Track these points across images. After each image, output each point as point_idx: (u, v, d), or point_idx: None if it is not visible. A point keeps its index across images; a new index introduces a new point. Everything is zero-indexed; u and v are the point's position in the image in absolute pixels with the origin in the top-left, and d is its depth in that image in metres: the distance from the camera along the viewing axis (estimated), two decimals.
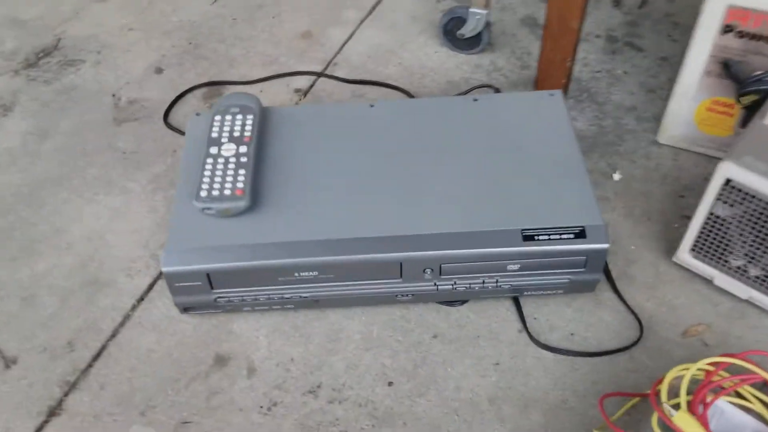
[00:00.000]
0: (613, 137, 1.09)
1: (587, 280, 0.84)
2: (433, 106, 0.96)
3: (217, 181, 0.83)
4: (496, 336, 0.85)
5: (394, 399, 0.80)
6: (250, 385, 0.81)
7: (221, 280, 0.81)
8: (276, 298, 0.84)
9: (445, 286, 0.84)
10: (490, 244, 0.80)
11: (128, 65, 1.23)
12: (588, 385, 0.81)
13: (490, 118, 0.94)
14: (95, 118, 1.13)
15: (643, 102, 1.15)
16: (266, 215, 0.83)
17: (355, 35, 1.29)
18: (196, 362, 0.83)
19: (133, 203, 1.00)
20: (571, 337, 0.85)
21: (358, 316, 0.87)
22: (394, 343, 0.85)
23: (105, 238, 0.96)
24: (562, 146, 0.90)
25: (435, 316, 0.87)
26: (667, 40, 1.26)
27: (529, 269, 0.83)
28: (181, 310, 0.85)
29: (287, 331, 0.86)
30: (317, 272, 0.81)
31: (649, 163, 1.05)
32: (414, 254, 0.80)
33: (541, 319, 0.87)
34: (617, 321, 0.86)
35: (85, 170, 1.05)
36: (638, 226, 0.97)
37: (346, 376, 0.82)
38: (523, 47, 1.25)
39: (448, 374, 0.82)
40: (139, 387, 0.81)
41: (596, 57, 1.23)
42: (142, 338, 0.85)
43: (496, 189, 0.85)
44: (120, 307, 0.88)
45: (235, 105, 0.92)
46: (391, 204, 0.84)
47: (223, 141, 0.88)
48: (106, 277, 0.91)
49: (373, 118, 0.94)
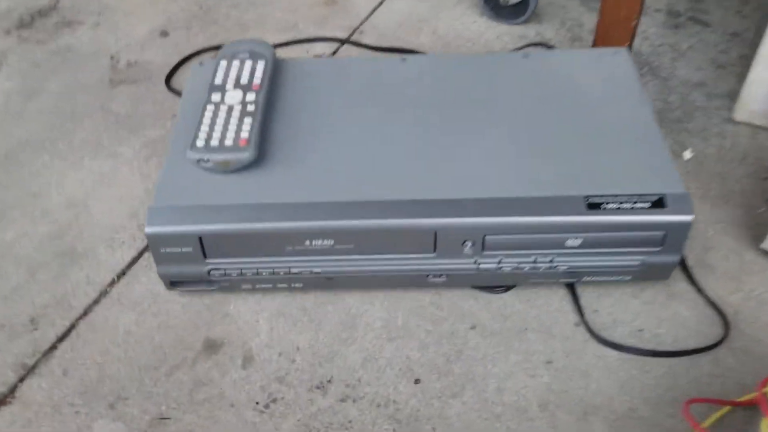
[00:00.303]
0: (681, 114, 0.94)
1: (662, 264, 0.69)
2: (476, 62, 0.82)
3: (217, 130, 0.69)
4: (548, 329, 0.70)
5: (421, 399, 0.64)
6: (245, 377, 0.66)
7: (216, 246, 0.66)
8: (282, 274, 0.69)
9: (488, 265, 0.68)
10: (547, 212, 0.65)
11: (130, 28, 1.10)
12: (661, 391, 0.65)
13: (545, 75, 0.79)
14: (89, 79, 1.00)
15: (713, 78, 1.00)
16: (274, 172, 0.69)
17: (385, 3, 1.15)
18: (181, 347, 0.68)
19: (123, 169, 0.87)
20: (639, 333, 0.69)
21: (379, 301, 0.72)
22: (422, 334, 0.70)
23: (87, 205, 0.82)
24: (632, 106, 0.75)
25: (472, 303, 0.72)
26: (736, 16, 1.12)
27: (593, 246, 0.67)
28: (168, 284, 0.71)
29: (294, 315, 0.71)
30: (333, 241, 0.66)
31: (724, 142, 0.90)
32: (452, 221, 0.65)
33: (602, 312, 0.71)
34: (695, 316, 0.71)
35: (72, 133, 0.92)
36: (715, 210, 0.81)
37: (362, 371, 0.67)
38: (574, 18, 1.11)
39: (489, 372, 0.66)
40: (111, 374, 0.66)
41: (657, 31, 1.09)
42: (120, 318, 0.71)
43: (553, 149, 0.70)
44: (96, 282, 0.74)
45: (244, 51, 0.79)
46: (426, 164, 0.69)
47: (227, 88, 0.74)
48: (84, 248, 0.78)
49: (405, 73, 0.80)
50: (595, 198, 0.66)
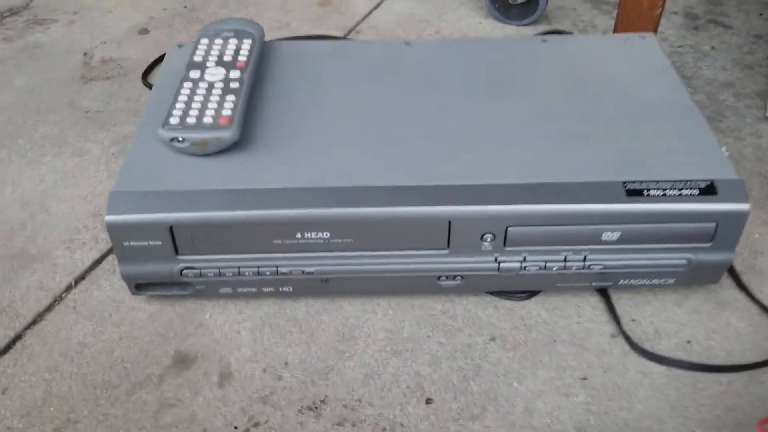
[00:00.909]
0: (710, 113, 0.86)
1: (713, 263, 0.59)
2: (489, 47, 0.73)
3: (195, 108, 0.60)
4: (581, 342, 0.59)
5: (434, 423, 0.53)
6: (221, 397, 0.55)
7: (190, 239, 0.56)
8: (268, 274, 0.58)
9: (511, 263, 0.58)
10: (579, 200, 0.55)
11: (108, 25, 1.01)
12: (722, 412, 0.54)
13: (567, 58, 0.70)
14: (58, 75, 0.91)
15: (741, 78, 0.92)
16: (260, 155, 0.59)
17: (383, 5, 1.08)
18: (146, 363, 0.57)
19: (89, 166, 0.77)
20: (687, 345, 0.59)
21: (383, 310, 0.62)
22: (434, 347, 0.59)
23: (45, 204, 0.72)
24: (667, 89, 0.66)
25: (491, 312, 0.62)
26: (758, 18, 1.04)
27: (633, 242, 0.57)
28: (133, 288, 0.60)
29: (282, 326, 0.60)
30: (328, 234, 0.56)
31: (761, 141, 0.81)
32: (469, 209, 0.55)
33: (643, 322, 0.61)
34: (751, 326, 0.60)
35: (34, 129, 0.82)
36: (760, 212, 0.72)
37: (363, 389, 0.56)
38: (586, 20, 1.04)
39: (514, 390, 0.56)
40: (59, 394, 0.55)
41: (676, 32, 1.01)
42: (74, 328, 0.60)
43: (584, 133, 0.61)
44: (50, 288, 0.63)
45: (229, 29, 0.70)
46: (439, 148, 0.60)
47: (208, 65, 0.65)
48: (39, 251, 0.67)
49: (409, 57, 0.71)
50: (635, 184, 0.56)
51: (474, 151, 0.59)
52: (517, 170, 0.57)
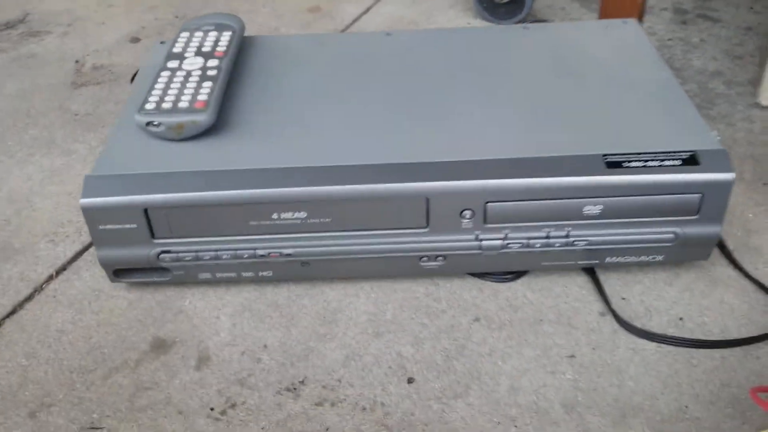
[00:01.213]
0: (701, 101, 0.85)
1: (700, 237, 0.57)
2: (470, 36, 0.73)
3: (171, 93, 0.60)
4: (568, 321, 0.58)
5: (415, 401, 0.52)
6: (198, 379, 0.54)
7: (166, 222, 0.55)
8: (246, 257, 0.57)
9: (492, 241, 0.57)
10: (559, 173, 0.54)
11: (100, 35, 1.02)
12: (716, 387, 0.52)
13: (549, 44, 0.70)
14: (50, 82, 0.91)
15: (731, 68, 0.91)
16: (235, 139, 0.59)
17: (373, 9, 1.08)
18: (123, 348, 0.56)
19: (75, 166, 0.77)
20: (680, 322, 0.57)
21: (365, 293, 0.61)
22: (416, 328, 0.58)
23: (31, 200, 0.72)
24: (648, 69, 0.66)
25: (476, 294, 0.60)
26: (748, 12, 1.04)
27: (616, 216, 0.56)
28: (111, 274, 0.59)
29: (262, 311, 0.59)
30: (305, 214, 0.56)
31: (753, 126, 0.80)
32: (447, 185, 0.54)
33: (632, 300, 0.59)
34: (745, 303, 0.59)
35: (24, 131, 0.82)
36: (753, 192, 0.70)
37: (344, 370, 0.54)
38: (575, 18, 1.04)
39: (499, 369, 0.54)
40: (35, 379, 0.54)
41: (665, 27, 1.01)
42: (53, 316, 0.59)
43: (564, 111, 0.60)
44: (31, 279, 0.63)
45: (210, 23, 0.70)
46: (417, 128, 0.59)
47: (187, 55, 0.65)
48: (22, 244, 0.66)
49: (390, 47, 0.71)
50: (614, 156, 0.55)
51: (453, 130, 0.59)
52: (496, 147, 0.57)
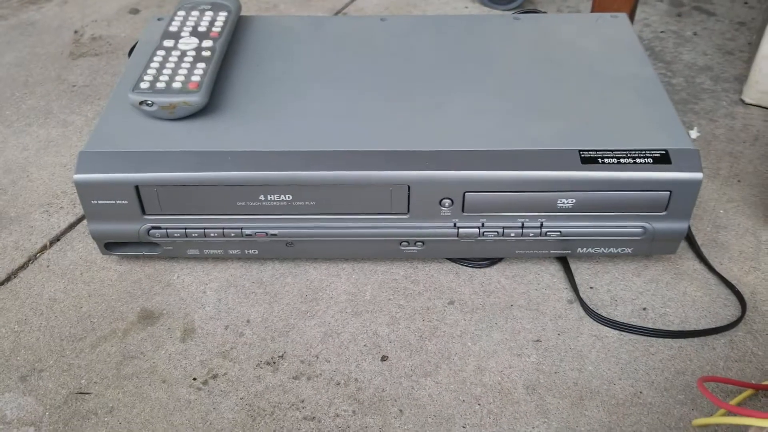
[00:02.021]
0: (686, 95, 0.87)
1: (668, 232, 0.60)
2: (462, 23, 0.74)
3: (165, 74, 0.61)
4: (537, 307, 0.61)
5: (387, 378, 0.55)
6: (182, 350, 0.57)
7: (156, 199, 0.58)
8: (233, 236, 0.60)
9: (470, 229, 0.60)
10: (535, 167, 0.57)
11: (100, 5, 1.04)
12: (670, 375, 0.55)
13: (537, 36, 0.72)
14: (48, 51, 0.93)
15: (720, 63, 0.93)
16: (226, 120, 0.61)
17: None
18: (112, 318, 0.59)
19: (72, 137, 0.79)
20: (643, 312, 0.60)
21: (346, 274, 0.63)
22: (393, 308, 0.60)
23: (27, 170, 0.74)
24: (632, 65, 0.68)
25: (452, 278, 0.63)
26: (743, 7, 1.05)
27: (588, 209, 0.59)
28: (102, 247, 0.62)
29: (247, 287, 0.62)
30: (291, 196, 0.58)
31: (734, 123, 0.82)
32: (428, 174, 0.56)
33: (600, 290, 0.62)
34: (707, 296, 0.61)
35: (21, 101, 0.84)
36: (727, 189, 0.73)
37: (321, 346, 0.57)
38: (572, 6, 1.05)
39: (468, 350, 0.57)
40: (27, 344, 0.57)
41: (659, 18, 1.02)
42: (46, 285, 0.62)
43: (546, 105, 0.62)
44: (25, 248, 0.65)
45: (206, 2, 0.71)
46: (402, 117, 0.61)
47: (182, 35, 0.67)
48: (17, 213, 0.69)
49: (383, 32, 0.73)
50: (589, 152, 0.57)
51: (437, 120, 0.61)
52: (477, 138, 0.59)
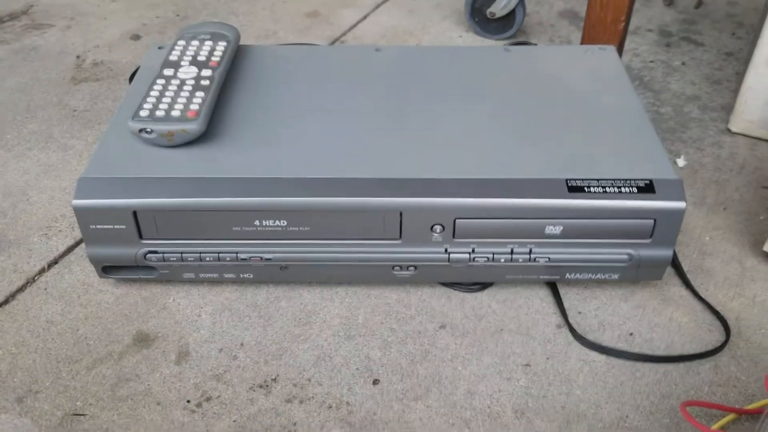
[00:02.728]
0: (674, 124, 0.89)
1: (653, 259, 0.61)
2: (454, 54, 0.76)
3: (165, 102, 0.63)
4: (527, 331, 0.62)
5: (379, 401, 0.56)
6: (177, 373, 0.58)
7: (153, 224, 0.59)
8: (228, 260, 0.61)
9: (460, 255, 0.61)
10: (524, 195, 0.58)
11: (102, 31, 1.06)
12: (656, 399, 0.56)
13: (527, 66, 0.74)
14: (50, 76, 0.95)
15: (708, 92, 0.95)
16: (224, 148, 0.62)
17: (370, 17, 1.12)
18: (108, 340, 0.60)
19: (71, 161, 0.80)
20: (630, 337, 0.61)
21: (340, 298, 0.65)
22: (385, 332, 0.61)
23: (27, 194, 0.75)
24: (619, 97, 0.69)
25: (444, 303, 0.64)
26: (731, 38, 1.08)
27: (575, 236, 0.60)
28: (100, 271, 0.63)
29: (241, 311, 0.63)
30: (285, 222, 0.59)
31: (721, 152, 0.84)
32: (419, 201, 0.58)
33: (588, 315, 0.63)
34: (693, 322, 0.63)
35: (23, 125, 0.86)
36: (713, 216, 0.74)
37: (314, 369, 0.58)
38: (563, 36, 1.07)
39: (458, 374, 0.58)
40: (24, 366, 0.58)
41: (648, 48, 1.04)
42: (44, 308, 0.63)
43: (534, 135, 0.64)
44: (24, 270, 0.67)
45: (206, 32, 0.73)
46: (394, 145, 0.63)
47: (182, 64, 0.68)
48: (17, 236, 0.70)
49: (378, 62, 0.75)
50: (576, 181, 0.59)
51: (429, 148, 0.62)
52: (468, 166, 0.60)
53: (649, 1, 1.18)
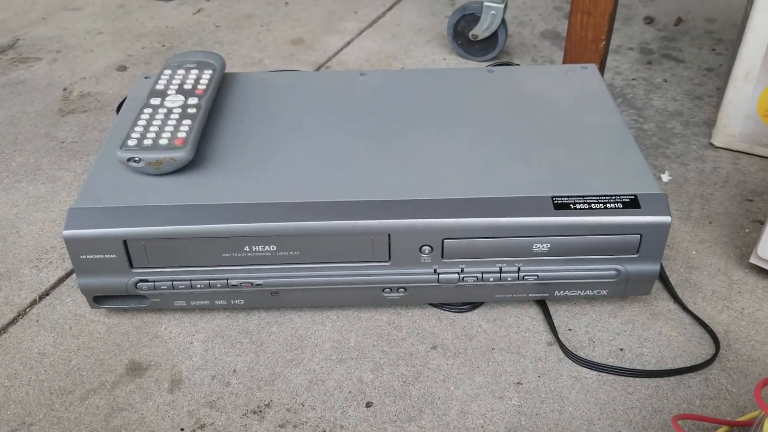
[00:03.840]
0: (658, 140, 0.90)
1: (641, 274, 0.62)
2: (438, 77, 0.77)
3: (152, 131, 0.64)
4: (518, 349, 0.62)
5: (372, 424, 0.56)
6: (170, 401, 0.58)
7: (143, 253, 0.59)
8: (219, 287, 0.61)
9: (449, 275, 0.61)
10: (510, 214, 0.59)
11: (88, 63, 1.07)
12: (648, 414, 0.57)
13: (510, 88, 0.75)
14: (37, 109, 0.95)
15: (690, 108, 0.96)
16: (212, 175, 0.63)
17: (353, 43, 1.13)
18: (101, 371, 0.60)
19: (60, 193, 0.80)
20: (620, 353, 0.62)
21: (331, 322, 0.65)
22: (377, 354, 0.62)
23: (16, 226, 0.75)
24: (601, 114, 0.71)
25: (435, 323, 0.65)
26: (710, 54, 1.10)
27: (562, 253, 0.61)
28: (91, 301, 0.63)
29: (233, 337, 0.63)
30: (275, 247, 0.60)
31: (705, 166, 0.85)
32: (407, 222, 0.58)
33: (578, 331, 0.64)
34: (682, 335, 0.63)
35: (11, 158, 0.86)
36: (698, 230, 0.75)
37: (307, 394, 0.58)
38: (545, 56, 1.09)
39: (451, 394, 0.58)
40: (17, 398, 0.58)
41: (630, 66, 1.06)
42: (36, 339, 0.63)
43: (519, 154, 0.65)
44: (15, 303, 0.66)
45: (192, 61, 0.74)
46: (381, 168, 0.64)
47: (169, 93, 0.69)
48: (7, 269, 0.70)
49: (363, 86, 0.76)
50: (562, 198, 0.60)
51: (415, 169, 0.63)
52: (454, 186, 0.61)
53: (629, 20, 1.20)
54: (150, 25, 1.17)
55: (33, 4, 1.24)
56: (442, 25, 1.17)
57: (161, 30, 1.16)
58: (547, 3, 1.26)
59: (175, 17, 1.20)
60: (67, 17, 1.20)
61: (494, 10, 1.01)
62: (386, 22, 1.19)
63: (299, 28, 1.17)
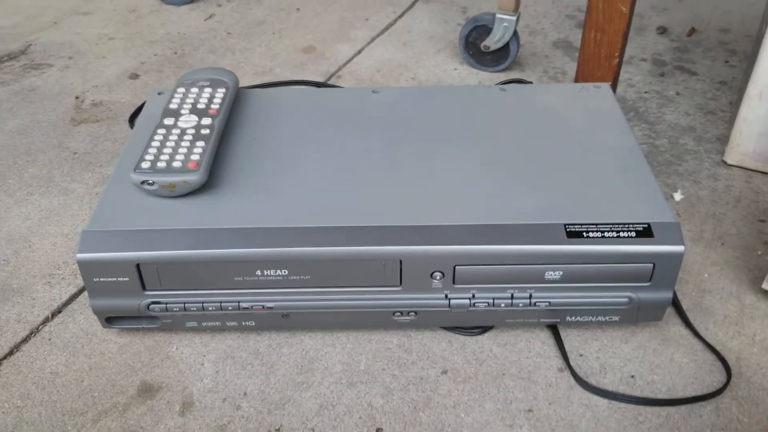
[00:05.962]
0: (670, 157, 0.89)
1: (653, 302, 0.62)
2: (450, 94, 0.77)
3: (166, 152, 0.64)
4: (528, 375, 0.62)
5: None
6: (181, 425, 0.58)
7: (156, 276, 0.60)
8: (231, 309, 0.62)
9: (461, 300, 0.61)
10: (523, 241, 0.59)
11: (100, 70, 1.07)
12: None
13: (523, 107, 0.75)
14: (50, 118, 0.96)
15: (703, 123, 0.96)
16: (225, 198, 0.63)
17: (364, 51, 1.13)
18: (113, 392, 0.60)
19: (73, 205, 0.81)
20: (631, 380, 0.62)
21: (341, 344, 0.65)
22: (387, 378, 0.62)
23: (29, 240, 0.76)
24: (615, 136, 0.70)
25: (445, 347, 0.65)
26: (724, 66, 1.09)
27: (575, 281, 0.61)
28: (104, 321, 0.63)
29: (244, 359, 0.63)
30: (287, 271, 0.60)
31: (717, 185, 0.85)
32: (419, 249, 0.58)
33: (589, 357, 0.64)
34: (693, 362, 0.63)
35: (24, 169, 0.86)
36: (710, 252, 0.75)
37: (317, 419, 0.58)
38: (557, 67, 1.08)
39: (461, 421, 0.58)
40: (29, 419, 0.58)
41: (642, 79, 1.06)
42: (48, 359, 0.63)
43: (531, 178, 0.65)
44: (28, 320, 0.67)
45: (205, 78, 0.74)
46: (393, 191, 0.64)
47: (182, 113, 0.69)
48: (20, 285, 0.70)
49: (375, 104, 0.76)
50: (574, 226, 0.59)
51: (427, 194, 0.63)
52: (466, 212, 0.61)
53: (642, 30, 1.19)
54: (161, 31, 1.17)
55: (44, 9, 1.25)
56: (453, 32, 1.17)
57: (173, 36, 1.16)
58: (559, 11, 1.25)
59: (187, 23, 1.20)
60: (79, 22, 1.20)
61: (506, 22, 1.00)
62: (397, 29, 1.19)
63: (310, 35, 1.17)
